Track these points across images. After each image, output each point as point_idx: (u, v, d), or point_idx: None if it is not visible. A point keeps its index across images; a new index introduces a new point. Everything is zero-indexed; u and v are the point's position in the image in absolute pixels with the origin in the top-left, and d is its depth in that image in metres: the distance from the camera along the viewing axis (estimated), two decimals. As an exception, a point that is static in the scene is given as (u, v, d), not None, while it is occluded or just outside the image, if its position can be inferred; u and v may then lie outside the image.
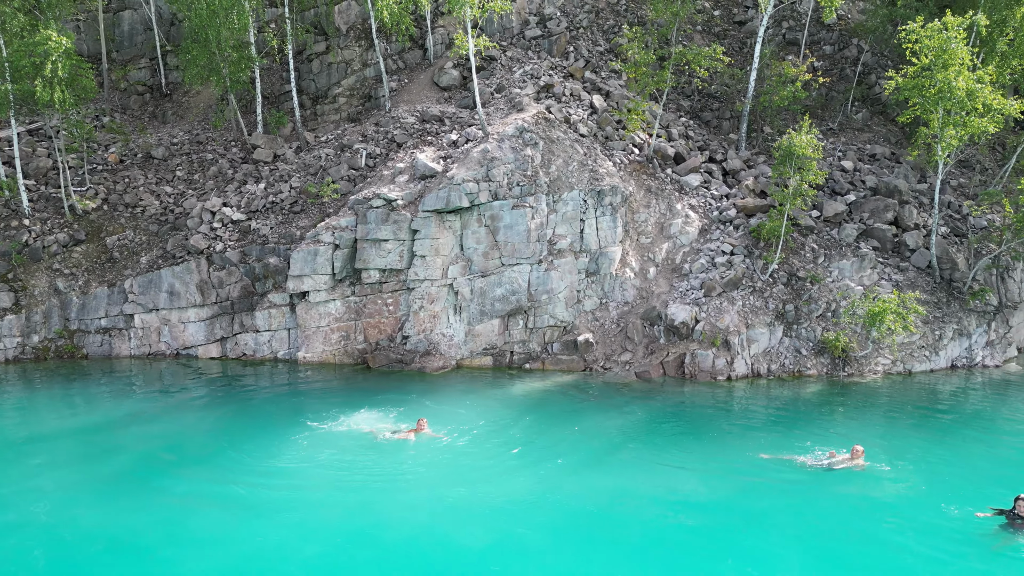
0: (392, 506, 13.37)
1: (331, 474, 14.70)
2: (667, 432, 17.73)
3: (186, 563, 11.31)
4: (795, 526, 12.69)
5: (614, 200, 24.28)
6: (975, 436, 17.71)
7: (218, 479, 14.48)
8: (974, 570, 11.30)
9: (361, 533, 12.46)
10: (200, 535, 12.21)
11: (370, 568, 11.34)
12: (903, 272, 24.44)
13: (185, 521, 12.71)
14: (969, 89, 20.78)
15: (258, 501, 13.50)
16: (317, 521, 12.78)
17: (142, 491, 13.90)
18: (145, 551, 11.68)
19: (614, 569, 11.25)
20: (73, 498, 13.61)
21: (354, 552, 11.84)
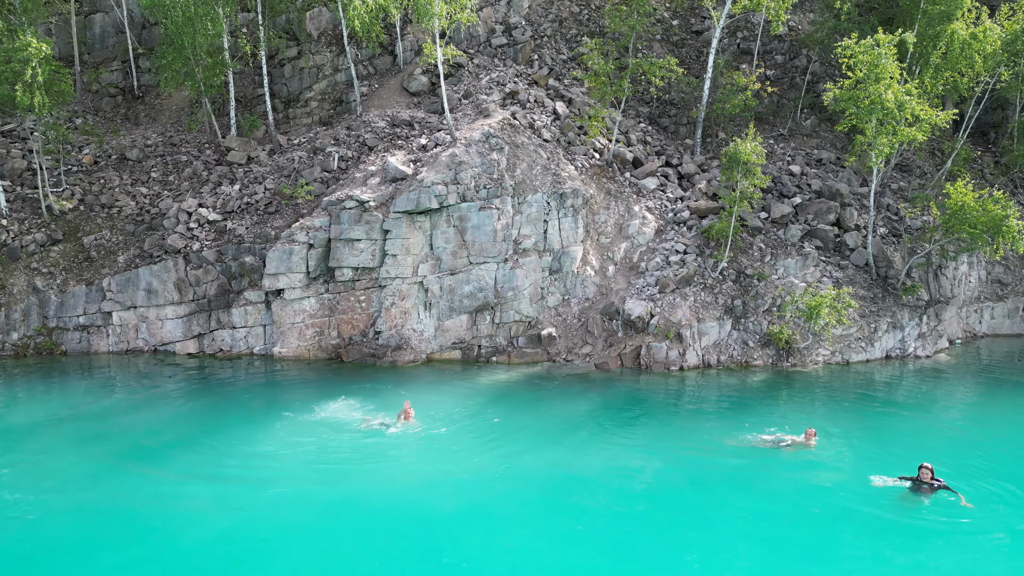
0: (368, 482, 14.59)
1: (309, 456, 15.82)
2: (622, 416, 19.20)
3: (180, 533, 12.38)
4: (739, 493, 14.18)
5: (575, 202, 25.70)
6: (904, 418, 19.49)
7: (203, 462, 15.49)
8: (885, 525, 12.92)
9: (340, 504, 13.65)
10: (190, 510, 13.24)
11: (350, 531, 12.58)
12: (843, 270, 26.31)
13: (174, 499, 13.72)
14: (898, 101, 22.64)
15: (242, 479, 14.59)
16: (298, 495, 13.94)
17: (128, 473, 14.85)
18: (138, 523, 12.71)
19: (566, 526, 12.75)
20: (63, 480, 14.48)
21: (334, 518, 13.03)
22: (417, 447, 16.45)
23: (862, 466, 15.26)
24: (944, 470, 14.40)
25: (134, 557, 11.66)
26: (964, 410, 20.62)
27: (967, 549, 12.07)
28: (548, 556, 11.86)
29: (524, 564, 11.60)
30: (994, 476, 14.98)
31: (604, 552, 11.96)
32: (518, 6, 33.88)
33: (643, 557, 11.80)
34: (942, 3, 28.37)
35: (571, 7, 35.32)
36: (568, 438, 17.29)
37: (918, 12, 29.42)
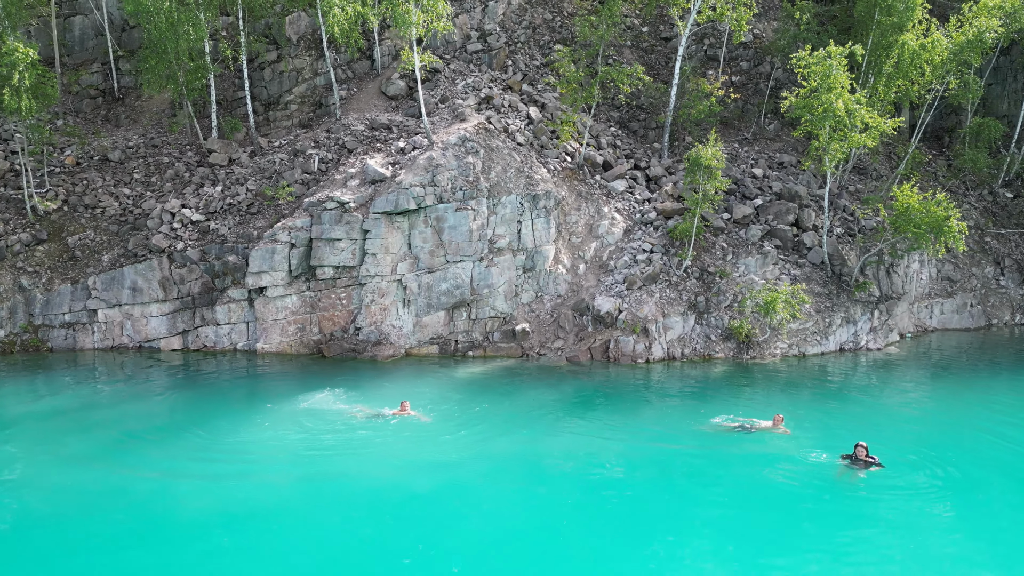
0: (354, 464, 15.62)
1: (295, 443, 16.79)
2: (592, 404, 20.43)
3: (177, 509, 13.32)
4: (701, 470, 15.45)
5: (548, 204, 26.88)
6: (854, 403, 20.95)
7: (191, 448, 16.36)
8: (824, 495, 14.33)
9: (328, 482, 14.66)
10: (184, 490, 14.17)
11: (339, 504, 13.64)
12: (801, 268, 27.80)
13: (168, 481, 14.63)
14: (849, 109, 24.15)
15: (230, 464, 15.53)
16: (287, 476, 14.94)
17: (121, 459, 15.69)
18: (137, 501, 13.63)
19: (536, 496, 14.02)
20: (59, 466, 15.29)
21: (320, 496, 14.06)
22: (400, 433, 17.49)
23: (813, 446, 16.58)
24: (883, 447, 15.79)
25: (116, 534, 12.50)
26: (908, 397, 22.12)
27: (897, 512, 13.44)
28: (518, 525, 13.00)
29: (496, 532, 12.71)
30: (923, 449, 16.45)
31: (572, 519, 13.14)
32: (493, 13, 34.99)
33: (609, 524, 12.98)
34: (895, 15, 30.01)
35: (544, 14, 36.51)
36: (540, 423, 18.47)
37: (872, 23, 31.07)
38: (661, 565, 11.65)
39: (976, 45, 29.17)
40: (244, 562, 11.69)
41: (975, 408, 20.85)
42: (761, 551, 12.05)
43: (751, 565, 11.56)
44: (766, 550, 12.10)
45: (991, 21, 28.90)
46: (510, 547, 12.27)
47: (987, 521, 13.40)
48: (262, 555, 11.90)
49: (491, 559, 11.83)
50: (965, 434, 18.44)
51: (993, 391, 22.72)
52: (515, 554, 12.03)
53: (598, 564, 11.63)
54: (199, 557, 11.78)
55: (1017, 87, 40.83)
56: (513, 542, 12.46)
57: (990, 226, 36.56)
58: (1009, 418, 19.52)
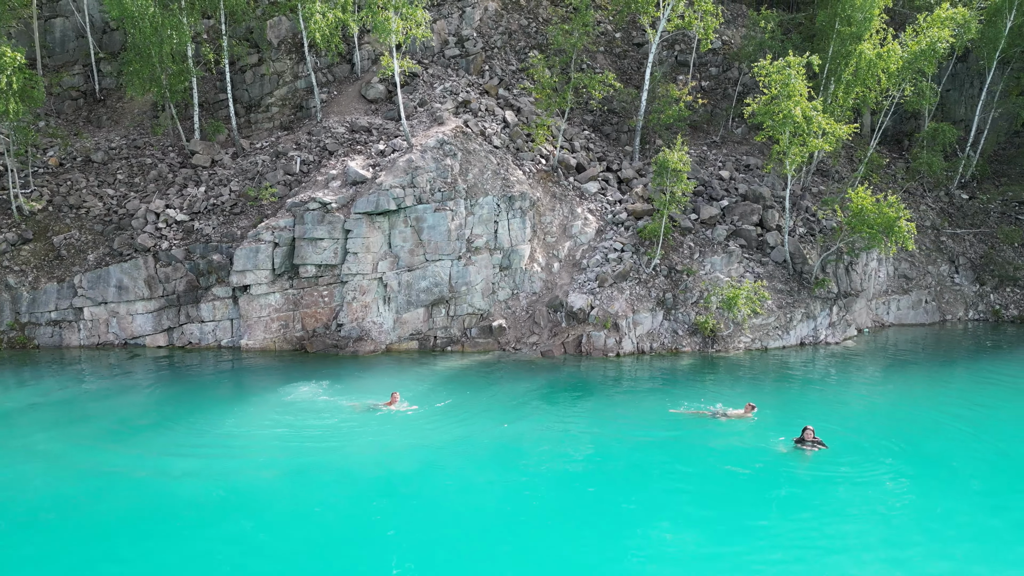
0: (339, 449, 16.56)
1: (282, 433, 17.69)
2: (565, 394, 21.57)
3: (175, 488, 14.20)
4: (667, 453, 16.62)
5: (523, 204, 27.95)
6: (812, 392, 22.32)
7: (179, 439, 17.18)
8: (776, 471, 15.60)
9: (314, 466, 15.59)
10: (168, 477, 15.00)
11: (325, 485, 14.59)
12: (764, 266, 29.18)
13: (163, 464, 15.47)
14: (807, 115, 25.53)
15: (218, 452, 16.39)
16: (274, 463, 15.84)
17: (108, 450, 16.45)
18: (137, 482, 14.48)
19: (509, 478, 15.08)
20: (45, 457, 16.00)
21: (309, 477, 14.99)
22: (381, 423, 18.46)
23: (773, 431, 17.83)
24: (833, 428, 17.09)
25: (103, 524, 13.23)
26: (861, 387, 23.53)
27: (838, 488, 14.71)
28: (492, 500, 14.07)
29: (471, 506, 13.76)
30: (866, 433, 17.79)
31: (545, 496, 14.25)
32: (470, 19, 36.00)
33: (579, 500, 14.10)
34: (854, 25, 31.55)
35: (520, 20, 37.59)
36: (516, 412, 19.58)
37: (833, 32, 32.60)
38: (618, 530, 12.77)
39: (929, 54, 30.79)
40: (233, 542, 12.60)
41: (922, 396, 22.36)
42: (717, 529, 13.24)
43: (708, 541, 12.74)
44: (722, 529, 13.30)
45: (943, 32, 30.51)
46: (485, 520, 13.34)
47: (924, 503, 14.56)
48: (250, 535, 12.81)
49: (467, 532, 12.88)
50: (911, 420, 19.83)
51: (941, 381, 24.25)
52: (489, 526, 13.09)
53: (565, 534, 12.74)
54: (188, 542, 12.64)
55: (973, 93, 42.71)
56: (487, 516, 13.52)
57: (946, 226, 38.33)
58: (954, 405, 21.01)
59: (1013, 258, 37.18)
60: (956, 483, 15.41)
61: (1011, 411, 20.70)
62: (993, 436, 18.22)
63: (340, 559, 11.99)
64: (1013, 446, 17.63)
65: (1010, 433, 18.62)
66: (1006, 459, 16.87)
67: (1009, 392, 23.00)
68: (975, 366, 26.15)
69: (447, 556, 12.07)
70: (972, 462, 16.60)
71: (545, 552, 12.20)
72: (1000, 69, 40.48)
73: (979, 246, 37.94)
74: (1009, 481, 15.61)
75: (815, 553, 12.23)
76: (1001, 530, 13.23)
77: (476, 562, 11.93)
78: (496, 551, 12.29)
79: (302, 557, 11.97)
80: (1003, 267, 36.50)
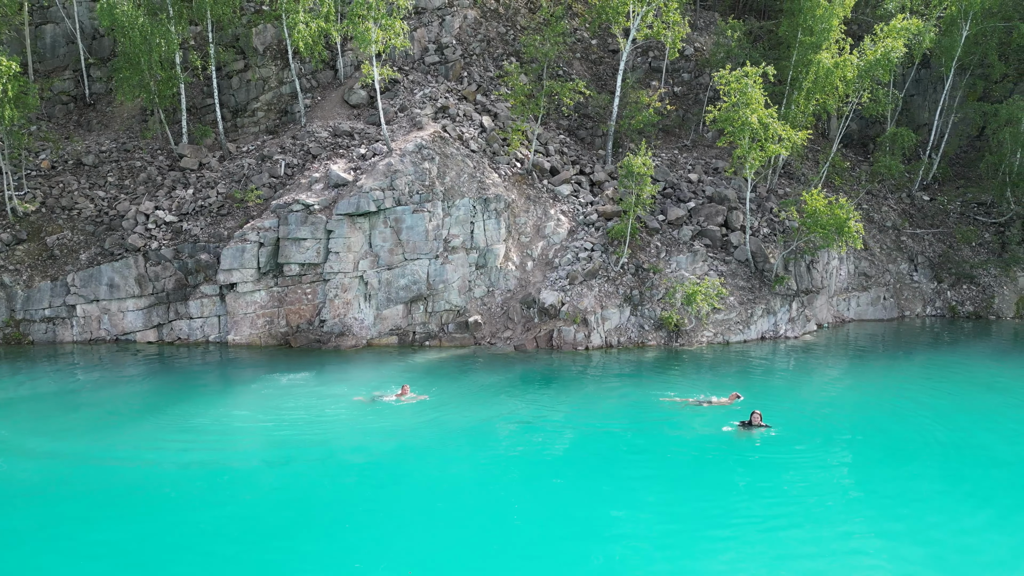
0: (318, 433, 17.93)
1: (271, 418, 19.02)
2: (537, 384, 23.01)
3: (169, 468, 15.50)
4: (623, 435, 18.06)
5: (498, 206, 29.35)
6: (772, 380, 23.85)
7: (171, 425, 18.48)
8: (724, 451, 17.08)
9: (300, 449, 16.93)
10: (177, 454, 16.33)
11: (310, 466, 15.94)
12: (727, 264, 30.73)
13: (159, 444, 16.76)
14: (763, 122, 27.08)
15: (212, 432, 17.70)
16: (260, 439, 17.18)
17: (100, 437, 17.66)
18: (133, 463, 15.77)
19: (479, 460, 16.50)
20: (40, 445, 17.16)
21: (295, 459, 16.33)
22: (360, 409, 19.81)
23: (726, 417, 19.28)
24: (780, 415, 18.61)
25: (92, 507, 14.30)
26: (812, 376, 25.10)
27: (778, 466, 16.21)
28: (468, 477, 15.49)
29: (446, 481, 15.16)
30: (805, 415, 19.33)
31: (516, 471, 15.68)
32: (450, 27, 37.34)
33: (549, 477, 15.54)
34: (815, 35, 33.17)
35: (498, 28, 38.98)
36: (491, 399, 21.03)
37: (796, 42, 34.22)
38: (569, 502, 14.21)
39: (884, 63, 32.43)
40: (219, 522, 13.92)
41: (869, 384, 23.98)
42: (667, 505, 14.71)
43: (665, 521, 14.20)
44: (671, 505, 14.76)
45: (896, 42, 32.17)
46: (456, 493, 14.74)
47: (863, 483, 15.75)
48: (228, 516, 14.12)
49: (439, 502, 14.28)
50: (855, 405, 21.42)
51: (887, 370, 25.86)
52: (461, 498, 14.50)
53: (527, 504, 14.17)
54: (176, 523, 13.91)
55: (936, 98, 44.49)
56: (458, 489, 14.92)
57: (906, 226, 40.08)
58: (900, 391, 22.71)
59: (970, 257, 38.95)
60: (903, 462, 16.77)
61: (957, 399, 22.27)
62: (946, 422, 19.59)
63: (330, 540, 13.34)
64: (962, 431, 19.03)
65: (961, 419, 20.04)
66: (955, 440, 18.24)
67: (956, 383, 24.55)
68: (922, 358, 27.80)
69: (418, 534, 13.45)
70: (919, 443, 17.94)
71: (515, 532, 13.59)
72: (960, 75, 42.31)
73: (938, 245, 39.70)
74: (957, 461, 16.94)
75: (764, 529, 13.37)
76: (932, 499, 14.70)
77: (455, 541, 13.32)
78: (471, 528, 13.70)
79: (281, 536, 13.30)
80: (960, 265, 38.25)
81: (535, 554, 12.38)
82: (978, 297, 37.68)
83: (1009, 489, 15.30)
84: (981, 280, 37.86)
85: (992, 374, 25.44)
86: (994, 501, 14.69)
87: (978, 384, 24.26)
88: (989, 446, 17.89)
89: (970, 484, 15.60)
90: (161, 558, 11.99)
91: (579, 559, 12.15)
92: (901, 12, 37.78)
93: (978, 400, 22.31)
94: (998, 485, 15.56)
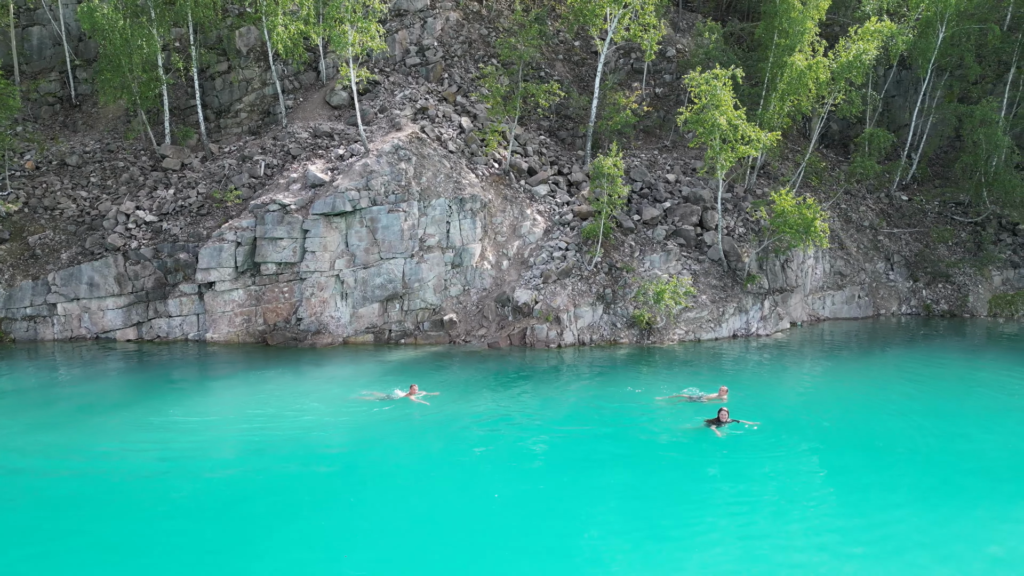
0: (295, 421, 18.48)
1: (253, 413, 19.52)
2: (510, 380, 23.43)
3: (158, 449, 15.98)
4: (600, 433, 18.53)
5: (474, 206, 29.81)
6: (739, 378, 24.28)
7: (148, 421, 18.97)
8: (693, 444, 17.56)
9: (280, 442, 17.39)
10: (170, 440, 16.80)
11: (287, 455, 16.43)
12: (700, 263, 31.19)
13: (147, 432, 17.22)
14: (733, 124, 27.53)
15: (185, 430, 18.18)
16: (235, 437, 17.66)
17: (79, 430, 18.17)
18: (96, 467, 16.22)
19: (461, 448, 17.04)
20: (19, 437, 17.72)
21: (274, 450, 16.80)
22: (335, 402, 20.27)
23: (697, 414, 19.73)
24: (750, 406, 19.10)
25: (69, 497, 14.88)
26: (781, 373, 25.54)
27: (747, 460, 16.67)
28: (446, 467, 15.99)
29: (424, 472, 15.64)
30: (773, 409, 19.79)
31: (493, 463, 16.17)
32: (431, 29, 37.81)
33: (526, 467, 16.02)
34: (790, 38, 33.63)
35: (480, 30, 39.44)
36: (466, 394, 21.45)
37: (772, 44, 34.67)
38: (534, 483, 14.67)
39: (856, 66, 32.88)
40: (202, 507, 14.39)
41: (835, 379, 24.42)
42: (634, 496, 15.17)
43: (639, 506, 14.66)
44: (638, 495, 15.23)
45: (868, 45, 32.61)
46: (425, 475, 15.22)
47: (831, 477, 16.18)
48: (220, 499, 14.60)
49: (412, 479, 14.77)
50: (819, 399, 21.87)
51: (862, 367, 26.28)
52: (433, 480, 14.98)
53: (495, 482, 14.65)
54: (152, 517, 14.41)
55: (915, 99, 44.94)
56: (428, 472, 15.41)
57: (884, 226, 40.54)
58: (866, 385, 23.20)
59: (945, 256, 39.41)
60: (866, 455, 17.22)
61: (927, 395, 22.72)
62: (914, 414, 20.10)
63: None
64: (931, 424, 19.50)
65: (928, 411, 20.55)
66: (920, 431, 18.74)
67: (929, 377, 25.00)
68: (893, 355, 28.23)
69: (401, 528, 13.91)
70: (882, 436, 18.42)
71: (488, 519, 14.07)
72: (938, 77, 42.75)
73: (914, 245, 40.16)
74: (925, 454, 17.37)
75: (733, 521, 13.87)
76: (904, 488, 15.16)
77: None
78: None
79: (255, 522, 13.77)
80: (936, 264, 38.71)
81: (522, 547, 12.73)
82: (953, 296, 38.14)
83: (977, 481, 15.67)
84: (956, 279, 38.32)
85: (968, 370, 25.92)
86: (960, 494, 15.01)
87: (952, 379, 24.77)
88: (961, 440, 18.36)
89: (937, 477, 15.97)
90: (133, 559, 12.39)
91: (559, 551, 12.55)
92: (878, 15, 38.21)
93: (952, 395, 22.83)
94: (967, 478, 15.89)
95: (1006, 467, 16.49)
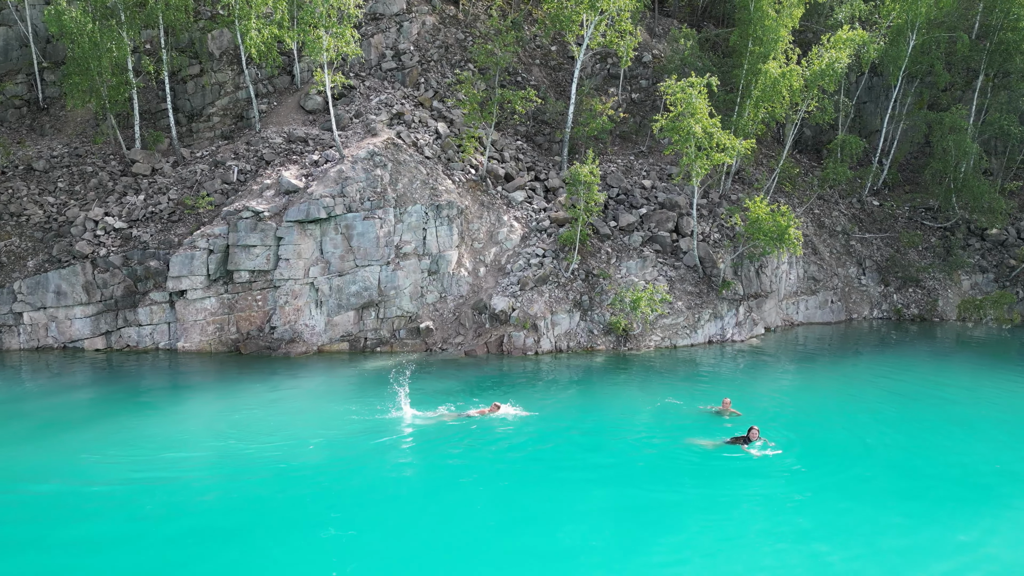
0: (267, 433, 18.25)
1: (235, 418, 19.21)
2: (485, 386, 23.34)
3: (149, 446, 15.64)
4: (580, 435, 18.49)
5: (451, 213, 29.66)
6: (724, 384, 24.47)
7: (117, 428, 18.59)
8: (715, 463, 17.39)
9: (260, 450, 17.16)
10: (112, 467, 16.45)
11: (274, 457, 16.20)
12: (676, 269, 31.34)
13: (115, 449, 16.85)
14: (707, 132, 27.70)
15: (157, 447, 17.85)
16: (210, 448, 17.37)
17: (45, 444, 17.79)
18: (100, 456, 15.89)
19: (435, 453, 16.99)
20: None
21: (250, 460, 16.52)
22: (310, 412, 20.02)
23: (680, 427, 19.78)
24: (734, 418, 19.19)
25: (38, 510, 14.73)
26: (754, 378, 25.74)
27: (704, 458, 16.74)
28: (404, 463, 15.85)
29: (388, 465, 15.49)
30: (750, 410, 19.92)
31: (474, 463, 16.08)
32: (407, 33, 37.58)
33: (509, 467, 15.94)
34: (764, 45, 33.94)
35: (456, 34, 39.29)
36: (445, 399, 21.32)
37: (747, 51, 34.96)
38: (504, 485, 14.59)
39: (829, 74, 33.28)
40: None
41: (808, 383, 24.68)
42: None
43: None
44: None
45: (841, 54, 33.03)
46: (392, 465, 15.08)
47: (806, 478, 16.45)
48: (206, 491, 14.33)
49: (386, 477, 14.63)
50: (794, 404, 22.06)
51: (833, 370, 26.60)
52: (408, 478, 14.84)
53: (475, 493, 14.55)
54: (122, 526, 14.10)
55: (887, 105, 45.63)
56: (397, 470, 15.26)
57: (856, 231, 41.08)
58: (837, 389, 23.42)
59: (916, 260, 40.04)
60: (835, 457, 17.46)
61: (897, 397, 23.11)
62: (882, 417, 20.51)
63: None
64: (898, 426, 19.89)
65: (898, 414, 20.97)
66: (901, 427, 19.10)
67: (897, 380, 25.40)
68: (864, 358, 28.63)
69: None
70: (853, 437, 18.71)
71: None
72: (909, 83, 43.45)
73: (886, 249, 40.75)
74: (898, 456, 17.73)
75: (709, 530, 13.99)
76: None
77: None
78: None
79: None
80: (906, 269, 39.30)
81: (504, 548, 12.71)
82: (923, 300, 38.76)
83: (942, 482, 16.09)
84: (926, 283, 38.96)
85: (934, 373, 26.38)
86: (926, 495, 15.45)
87: (922, 382, 25.19)
88: (930, 440, 18.75)
89: (908, 479, 16.34)
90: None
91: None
92: (850, 23, 38.71)
93: (920, 397, 23.24)
94: (934, 478, 16.34)
95: (975, 472, 16.80)
